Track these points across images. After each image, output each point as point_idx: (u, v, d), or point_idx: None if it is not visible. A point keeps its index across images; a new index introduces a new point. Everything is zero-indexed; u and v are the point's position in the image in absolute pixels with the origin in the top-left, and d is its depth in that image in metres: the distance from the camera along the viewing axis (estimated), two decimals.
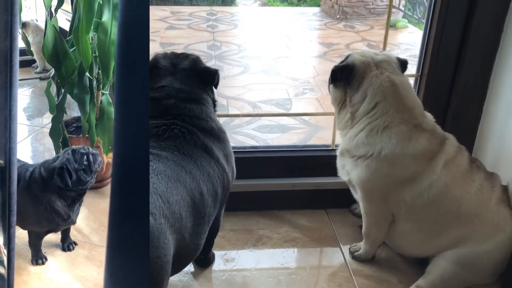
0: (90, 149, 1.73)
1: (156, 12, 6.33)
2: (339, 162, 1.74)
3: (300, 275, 1.73)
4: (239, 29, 5.76)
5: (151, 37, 5.12)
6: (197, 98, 1.49)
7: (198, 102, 1.48)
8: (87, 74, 2.02)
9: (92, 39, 1.98)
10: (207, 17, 6.18)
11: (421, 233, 1.64)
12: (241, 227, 1.96)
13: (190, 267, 1.73)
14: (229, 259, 1.79)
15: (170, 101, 1.44)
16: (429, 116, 1.63)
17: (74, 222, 1.78)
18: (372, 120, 1.57)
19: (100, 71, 2.05)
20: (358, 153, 1.60)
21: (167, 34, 5.34)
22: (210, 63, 4.25)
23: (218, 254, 1.79)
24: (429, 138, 1.56)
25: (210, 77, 1.55)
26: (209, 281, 1.68)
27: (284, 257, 1.82)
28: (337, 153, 1.74)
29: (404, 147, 1.54)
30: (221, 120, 3.00)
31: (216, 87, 1.59)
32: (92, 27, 1.91)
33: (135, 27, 0.67)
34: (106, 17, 1.88)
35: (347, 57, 1.66)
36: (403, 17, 5.93)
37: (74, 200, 1.71)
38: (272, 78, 4.00)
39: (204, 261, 1.74)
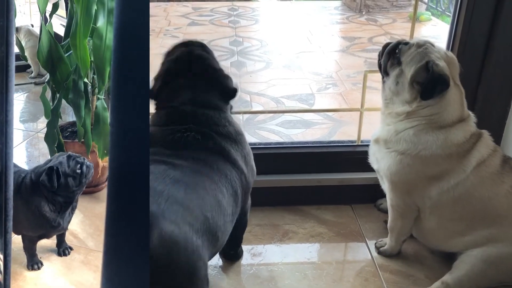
0: (86, 160, 1.73)
1: (178, 8, 6.38)
2: (371, 149, 1.73)
3: (326, 269, 1.75)
4: (260, 24, 5.76)
5: (173, 33, 5.19)
6: (215, 105, 1.49)
7: (216, 109, 1.49)
8: (86, 79, 2.03)
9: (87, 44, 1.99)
10: (228, 12, 6.20)
11: (447, 230, 1.64)
12: (267, 222, 1.99)
13: (218, 261, 1.77)
14: (256, 254, 1.82)
15: (187, 107, 1.45)
16: (472, 116, 1.63)
17: (65, 229, 1.78)
18: (430, 121, 1.55)
19: (95, 76, 2.06)
20: (397, 147, 1.59)
21: (189, 30, 5.38)
22: (233, 59, 4.28)
23: (245, 248, 1.82)
24: (468, 139, 1.56)
25: (230, 95, 1.53)
26: (237, 275, 1.71)
27: (310, 252, 1.84)
28: (372, 139, 1.72)
29: (444, 148, 1.54)
30: (245, 116, 3.04)
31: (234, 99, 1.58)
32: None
33: (133, 31, 0.67)
34: (101, 22, 1.89)
35: (430, 63, 1.52)
36: (426, 9, 5.84)
37: (63, 206, 1.71)
38: (295, 73, 4.00)
39: (234, 256, 1.78)
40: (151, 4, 6.49)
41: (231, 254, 1.77)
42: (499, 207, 1.55)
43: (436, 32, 5.31)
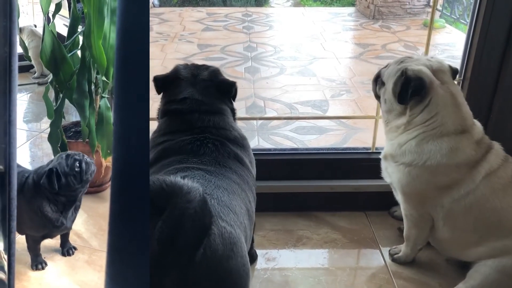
0: (85, 157, 1.72)
1: (192, 14, 6.45)
2: (382, 165, 1.76)
3: (340, 275, 1.76)
4: (274, 30, 5.80)
5: (188, 38, 5.24)
6: (217, 109, 1.52)
7: (219, 113, 1.51)
8: (104, 77, 2.03)
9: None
10: (242, 18, 6.25)
11: (461, 241, 1.64)
12: (281, 228, 2.00)
13: None
14: (270, 258, 1.84)
15: (194, 115, 1.47)
16: (478, 124, 1.64)
17: (68, 228, 1.78)
18: (428, 129, 1.57)
19: (98, 76, 2.07)
20: (403, 160, 1.61)
21: (203, 35, 5.43)
22: (247, 65, 4.31)
23: (259, 253, 1.84)
24: (476, 148, 1.57)
25: (227, 89, 1.57)
26: (251, 279, 1.73)
27: (324, 258, 1.85)
28: (381, 156, 1.76)
29: (450, 158, 1.55)
30: (259, 122, 3.07)
31: (234, 99, 1.61)
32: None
33: (135, 31, 0.68)
34: (104, 21, 1.91)
35: (405, 72, 1.57)
36: (440, 17, 5.83)
37: (65, 206, 1.71)
38: (308, 79, 4.02)
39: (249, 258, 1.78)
40: (167, 9, 6.56)
41: None
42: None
43: (450, 39, 5.30)
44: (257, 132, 2.94)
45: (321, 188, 2.06)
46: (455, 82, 1.65)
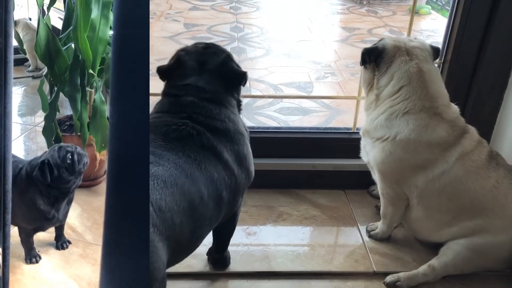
0: (78, 148, 1.71)
1: None
2: (361, 142, 1.81)
3: (318, 250, 1.81)
4: (261, 12, 5.77)
5: (174, 17, 5.19)
6: (219, 99, 1.45)
7: (219, 103, 1.45)
8: (91, 70, 2.01)
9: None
10: None
11: (434, 221, 1.69)
12: (262, 204, 2.04)
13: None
14: (251, 233, 1.88)
15: (188, 98, 1.42)
16: (454, 107, 1.67)
17: (60, 222, 1.76)
18: (394, 103, 1.63)
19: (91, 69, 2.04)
20: (376, 135, 1.67)
21: (190, 14, 5.39)
22: (233, 45, 4.30)
23: (240, 228, 1.88)
24: (447, 129, 1.60)
25: (236, 79, 1.51)
26: (231, 253, 1.76)
27: (303, 233, 1.90)
28: (360, 133, 1.80)
29: (419, 134, 1.59)
30: (243, 101, 3.07)
31: (243, 86, 1.55)
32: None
33: (134, 22, 0.67)
34: (94, 14, 1.90)
35: (379, 41, 1.70)
36: (426, 3, 5.86)
37: (58, 198, 1.69)
38: (294, 61, 4.03)
39: (219, 261, 1.72)
40: None
41: (217, 258, 1.71)
42: (484, 200, 1.60)
43: (435, 26, 5.34)
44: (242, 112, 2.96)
45: (303, 166, 2.10)
46: (434, 61, 1.69)
